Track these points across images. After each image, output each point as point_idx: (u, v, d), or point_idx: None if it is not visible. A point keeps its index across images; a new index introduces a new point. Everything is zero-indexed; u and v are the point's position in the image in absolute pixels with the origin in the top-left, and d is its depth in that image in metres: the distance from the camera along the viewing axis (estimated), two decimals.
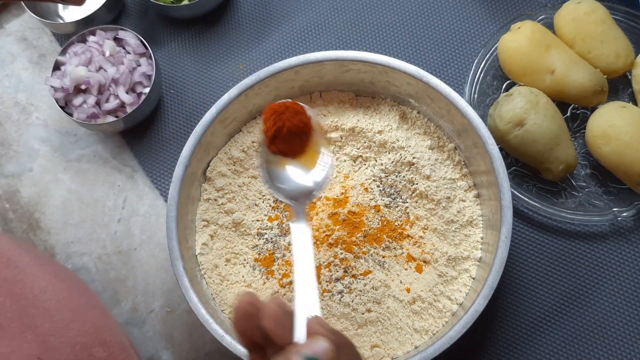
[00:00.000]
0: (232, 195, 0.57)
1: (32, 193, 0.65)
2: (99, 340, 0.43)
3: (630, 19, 0.60)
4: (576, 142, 0.59)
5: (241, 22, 0.68)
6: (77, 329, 0.42)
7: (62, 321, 0.42)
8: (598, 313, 0.55)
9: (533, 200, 0.56)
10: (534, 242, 0.58)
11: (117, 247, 0.62)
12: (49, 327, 0.41)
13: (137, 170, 0.64)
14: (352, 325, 0.52)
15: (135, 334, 0.59)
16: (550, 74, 0.57)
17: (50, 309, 0.42)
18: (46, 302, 0.43)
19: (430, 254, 0.53)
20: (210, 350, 0.58)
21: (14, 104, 0.69)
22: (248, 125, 0.59)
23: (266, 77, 0.55)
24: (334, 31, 0.67)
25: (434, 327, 0.51)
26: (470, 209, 0.55)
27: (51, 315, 0.42)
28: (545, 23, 0.60)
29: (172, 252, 0.51)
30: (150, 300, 0.60)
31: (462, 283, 0.53)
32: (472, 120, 0.52)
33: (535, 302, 0.56)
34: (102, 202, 0.63)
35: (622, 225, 0.57)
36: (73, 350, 0.41)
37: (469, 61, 0.64)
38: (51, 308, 0.42)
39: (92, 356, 0.42)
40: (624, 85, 0.60)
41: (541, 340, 0.55)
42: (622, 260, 0.56)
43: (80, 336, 0.42)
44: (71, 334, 0.42)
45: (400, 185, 0.55)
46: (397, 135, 0.57)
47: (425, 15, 0.66)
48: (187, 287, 0.50)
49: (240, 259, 0.55)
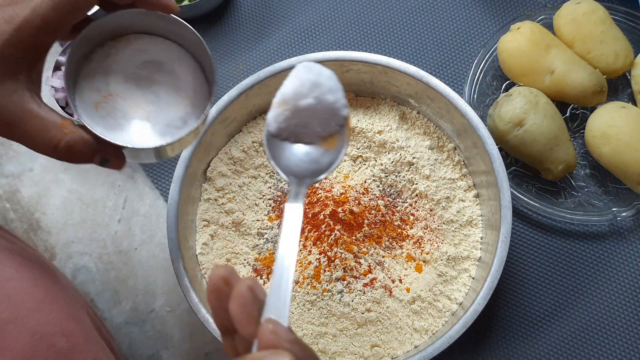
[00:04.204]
0: (232, 195, 0.57)
1: (32, 193, 0.65)
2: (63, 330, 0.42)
3: (630, 20, 0.61)
4: (575, 142, 0.59)
5: (241, 22, 0.69)
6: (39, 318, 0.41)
7: (24, 310, 0.41)
8: (597, 313, 0.55)
9: (532, 200, 0.57)
10: (534, 242, 0.58)
11: (118, 247, 0.62)
12: (9, 315, 0.40)
13: (138, 170, 0.65)
14: (352, 325, 0.52)
15: (135, 333, 0.59)
16: (550, 74, 0.57)
17: (13, 297, 0.41)
18: (10, 289, 0.42)
19: (430, 254, 0.54)
20: (210, 350, 0.58)
21: None
22: (248, 126, 0.59)
23: (266, 77, 0.55)
24: (334, 31, 0.67)
25: (433, 326, 0.52)
26: (469, 209, 0.55)
27: (14, 303, 0.41)
28: (545, 23, 0.60)
29: (172, 252, 0.51)
30: (151, 300, 0.60)
31: (461, 283, 0.53)
32: (472, 121, 0.52)
33: (535, 302, 0.56)
34: (103, 202, 0.64)
35: (622, 225, 0.57)
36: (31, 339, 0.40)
37: (469, 61, 0.64)
38: (14, 296, 0.41)
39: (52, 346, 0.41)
40: (623, 85, 0.60)
41: (540, 339, 0.55)
42: (621, 260, 0.56)
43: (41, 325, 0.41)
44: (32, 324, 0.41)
45: (400, 185, 0.56)
46: (397, 135, 0.57)
47: (425, 15, 0.67)
48: (187, 287, 0.50)
49: (241, 258, 0.55)
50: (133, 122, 0.40)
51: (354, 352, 0.51)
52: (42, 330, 0.41)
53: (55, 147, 0.37)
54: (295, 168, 0.37)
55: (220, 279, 0.28)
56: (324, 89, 0.36)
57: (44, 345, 0.40)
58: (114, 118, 0.39)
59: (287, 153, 0.38)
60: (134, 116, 0.40)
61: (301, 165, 0.37)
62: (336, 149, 0.38)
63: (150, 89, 0.41)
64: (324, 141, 0.38)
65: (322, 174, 0.37)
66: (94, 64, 0.40)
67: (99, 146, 0.38)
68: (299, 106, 0.36)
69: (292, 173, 0.37)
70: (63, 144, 0.37)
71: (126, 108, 0.40)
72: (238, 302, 0.27)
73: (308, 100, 0.36)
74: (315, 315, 0.52)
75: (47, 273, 0.47)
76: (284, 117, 0.36)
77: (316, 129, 0.37)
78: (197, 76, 0.42)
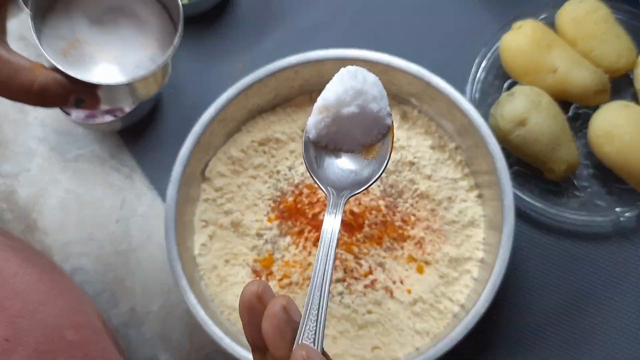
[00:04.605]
0: (231, 195, 0.56)
1: (29, 193, 0.64)
2: (71, 322, 0.42)
3: (633, 18, 0.60)
4: (578, 141, 0.59)
5: (241, 21, 0.68)
6: (48, 312, 0.41)
7: (32, 303, 0.41)
8: (601, 314, 0.55)
9: (535, 201, 0.56)
10: (536, 242, 0.57)
11: (116, 248, 0.62)
12: (19, 309, 0.40)
13: (136, 170, 0.64)
14: (352, 327, 0.51)
15: (133, 335, 0.59)
16: (552, 73, 0.57)
17: (20, 292, 0.41)
18: (16, 284, 0.42)
19: (431, 255, 0.53)
20: (209, 352, 0.57)
21: (12, 103, 0.68)
22: (247, 125, 0.59)
23: (265, 76, 0.55)
24: (334, 30, 0.67)
25: (435, 328, 0.51)
26: (471, 210, 0.55)
27: (22, 297, 0.41)
28: (547, 22, 0.60)
29: (170, 253, 0.50)
30: (149, 301, 0.60)
31: (463, 284, 0.52)
32: (474, 120, 0.52)
33: (538, 303, 0.56)
34: (100, 203, 0.63)
35: (625, 225, 0.57)
36: (43, 332, 0.40)
37: (471, 60, 0.63)
38: (22, 291, 0.41)
39: (63, 338, 0.41)
40: (626, 84, 0.60)
41: (544, 341, 0.55)
42: (625, 260, 0.56)
43: (51, 318, 0.41)
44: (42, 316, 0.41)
45: (401, 186, 0.55)
46: (397, 134, 0.56)
47: (426, 14, 0.66)
48: (185, 288, 0.49)
49: (240, 259, 0.55)
50: (102, 65, 0.40)
51: (355, 354, 0.51)
52: (52, 322, 0.41)
53: (28, 90, 0.36)
54: (334, 178, 0.35)
55: (253, 295, 0.28)
56: (368, 97, 0.34)
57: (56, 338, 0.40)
58: (83, 63, 0.40)
59: (326, 163, 0.36)
60: (102, 60, 0.40)
61: (340, 176, 0.36)
62: (377, 158, 0.36)
63: (116, 34, 0.41)
64: (365, 150, 0.36)
65: (363, 187, 0.35)
66: (58, 12, 0.41)
67: (72, 86, 0.38)
68: (340, 114, 0.34)
69: (330, 184, 0.35)
70: (36, 85, 0.36)
71: (94, 53, 0.40)
72: (272, 322, 0.27)
73: (351, 108, 0.34)
74: None
75: (49, 268, 0.47)
76: (325, 124, 0.35)
77: (357, 137, 0.36)
78: (162, 17, 0.43)
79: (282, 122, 0.59)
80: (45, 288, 0.43)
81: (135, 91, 0.42)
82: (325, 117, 0.35)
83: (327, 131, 0.35)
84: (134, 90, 0.42)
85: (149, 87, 0.43)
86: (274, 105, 0.59)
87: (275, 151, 0.58)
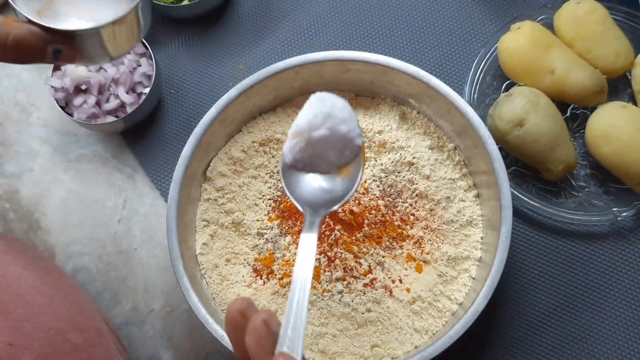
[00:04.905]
0: (232, 195, 0.57)
1: (32, 193, 0.65)
2: (75, 325, 0.42)
3: (630, 19, 0.60)
4: (576, 142, 0.59)
5: (241, 22, 0.69)
6: (52, 315, 0.41)
7: (36, 307, 0.41)
8: (598, 313, 0.55)
9: (533, 200, 0.57)
10: (534, 242, 0.58)
11: (118, 247, 0.62)
12: (23, 313, 0.40)
13: (137, 170, 0.64)
14: (352, 325, 0.52)
15: (135, 333, 0.59)
16: (550, 74, 0.57)
17: (24, 295, 0.41)
18: (20, 288, 0.42)
19: (430, 254, 0.53)
20: (210, 351, 0.58)
21: (14, 104, 0.69)
22: (248, 126, 0.59)
23: (266, 77, 0.55)
24: (334, 31, 0.67)
25: (433, 327, 0.51)
26: (470, 209, 0.55)
27: (25, 301, 0.41)
28: (545, 23, 0.60)
29: (172, 252, 0.51)
30: (151, 300, 0.60)
31: (462, 283, 0.53)
32: (472, 120, 0.52)
33: (535, 302, 0.56)
34: (102, 202, 0.64)
35: (622, 225, 0.57)
36: (47, 335, 0.40)
37: (469, 61, 0.64)
38: (25, 294, 0.42)
39: (67, 341, 0.41)
40: (623, 85, 0.60)
41: (541, 340, 0.55)
42: (621, 260, 0.56)
43: (54, 321, 0.41)
44: (45, 320, 0.41)
45: (400, 186, 0.55)
46: (397, 135, 0.57)
47: (425, 15, 0.66)
48: (187, 287, 0.50)
49: (241, 258, 0.55)
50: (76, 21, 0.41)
51: (354, 352, 0.51)
52: (55, 326, 0.41)
53: (3, 43, 0.36)
54: (310, 198, 0.38)
55: (237, 312, 0.29)
56: (337, 120, 0.37)
57: (59, 341, 0.40)
58: (58, 21, 0.40)
59: (302, 183, 0.39)
60: (76, 17, 0.41)
61: (316, 195, 0.38)
62: (350, 177, 0.38)
63: None
64: (339, 170, 0.39)
65: (337, 204, 0.38)
66: None
67: (48, 36, 0.38)
68: (312, 137, 0.37)
69: (307, 203, 0.38)
70: (11, 38, 0.36)
71: (68, 11, 0.41)
72: (253, 336, 0.28)
73: (322, 131, 0.36)
74: (315, 316, 0.52)
75: (52, 271, 0.47)
76: (299, 148, 0.37)
77: (331, 159, 0.38)
78: None
79: (282, 123, 0.59)
80: (49, 290, 0.43)
81: (108, 43, 0.42)
82: (300, 142, 0.37)
83: (302, 155, 0.38)
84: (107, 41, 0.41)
85: (123, 40, 0.42)
86: (274, 105, 0.60)
87: (276, 151, 0.58)
